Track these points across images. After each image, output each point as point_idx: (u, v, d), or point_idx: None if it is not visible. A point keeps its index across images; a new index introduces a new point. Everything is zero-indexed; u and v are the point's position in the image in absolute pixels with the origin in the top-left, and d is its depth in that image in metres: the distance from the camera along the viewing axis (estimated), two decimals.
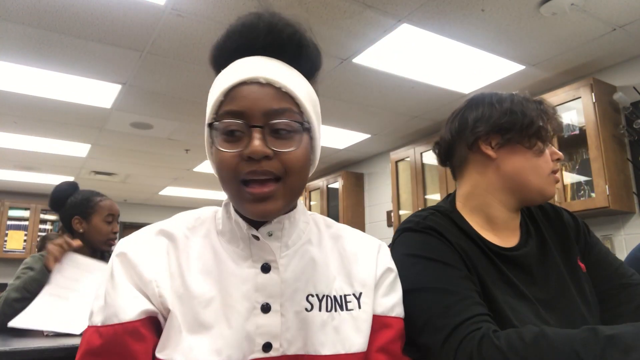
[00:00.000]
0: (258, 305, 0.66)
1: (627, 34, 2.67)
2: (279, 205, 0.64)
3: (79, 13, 2.44)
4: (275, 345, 0.65)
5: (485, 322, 0.76)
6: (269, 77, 0.65)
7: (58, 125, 4.14)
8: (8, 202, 6.48)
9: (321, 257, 0.73)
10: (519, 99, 0.97)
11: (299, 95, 0.66)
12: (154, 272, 0.65)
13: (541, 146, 0.93)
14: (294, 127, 0.65)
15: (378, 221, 4.96)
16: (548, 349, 0.68)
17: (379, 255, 0.78)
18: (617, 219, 2.94)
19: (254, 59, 0.68)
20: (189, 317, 0.63)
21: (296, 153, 0.65)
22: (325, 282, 0.71)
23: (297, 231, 0.73)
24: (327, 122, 4.11)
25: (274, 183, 0.63)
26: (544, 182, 0.93)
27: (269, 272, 0.68)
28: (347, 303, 0.71)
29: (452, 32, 2.63)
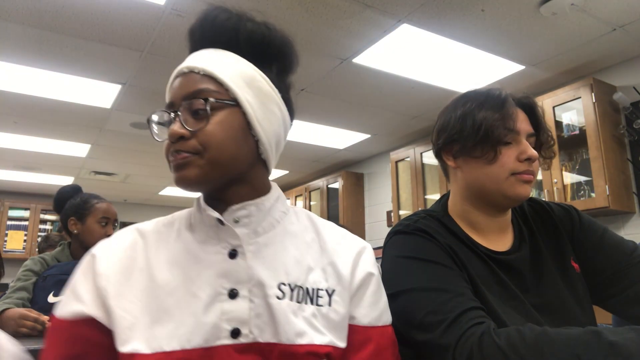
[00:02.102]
0: (224, 291, 0.66)
1: (627, 34, 2.67)
2: (197, 172, 0.66)
3: (79, 13, 2.44)
4: (244, 332, 0.65)
5: (484, 317, 0.76)
6: (190, 65, 0.70)
7: (58, 125, 4.14)
8: (8, 202, 6.48)
9: (298, 248, 0.73)
10: (479, 100, 0.93)
11: (219, 75, 0.68)
12: (111, 279, 0.67)
13: (491, 153, 0.89)
14: (210, 104, 0.67)
15: (378, 221, 4.96)
16: (549, 351, 0.67)
17: (362, 258, 0.76)
18: (617, 219, 2.94)
19: (193, 53, 0.73)
20: (153, 307, 0.66)
21: (210, 129, 0.66)
22: (299, 272, 0.71)
23: (269, 219, 0.73)
24: (327, 122, 4.11)
25: (190, 154, 0.66)
26: (502, 186, 0.90)
27: (236, 258, 0.69)
28: (318, 298, 0.70)
29: (452, 32, 2.63)
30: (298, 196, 5.84)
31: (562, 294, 0.91)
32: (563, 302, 0.90)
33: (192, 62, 0.70)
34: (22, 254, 6.33)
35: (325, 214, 5.26)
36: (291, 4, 2.37)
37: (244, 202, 0.71)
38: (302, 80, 3.26)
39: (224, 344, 0.64)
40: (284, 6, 2.38)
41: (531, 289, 0.90)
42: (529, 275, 0.92)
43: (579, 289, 0.93)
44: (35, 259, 1.84)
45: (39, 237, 6.13)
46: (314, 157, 5.25)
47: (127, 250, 0.71)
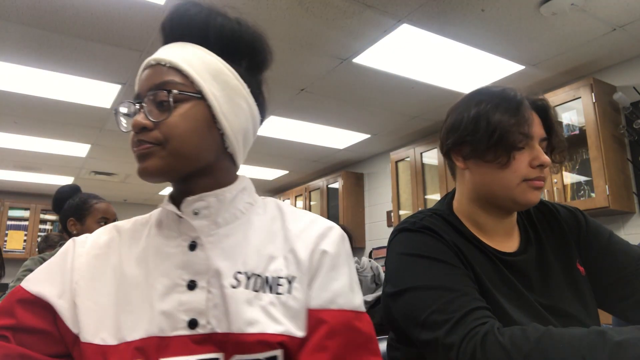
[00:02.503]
0: (183, 282, 0.67)
1: (627, 34, 2.67)
2: (160, 163, 0.67)
3: (79, 13, 2.44)
4: (201, 322, 0.65)
5: (489, 317, 0.75)
6: (157, 58, 0.70)
7: (58, 125, 4.14)
8: (8, 202, 6.48)
9: (261, 237, 0.72)
10: (494, 101, 0.90)
11: (185, 67, 0.69)
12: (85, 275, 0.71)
13: (505, 158, 0.87)
14: (174, 96, 0.67)
15: (378, 221, 4.96)
16: (553, 350, 0.66)
17: (323, 240, 0.71)
18: (617, 219, 2.94)
19: (163, 47, 0.74)
20: (121, 300, 0.68)
21: (172, 120, 0.67)
22: (258, 261, 0.69)
23: (231, 210, 0.73)
24: (327, 122, 4.11)
25: (152, 145, 0.67)
26: (513, 192, 0.88)
27: (195, 250, 0.69)
28: (278, 286, 0.68)
29: (452, 32, 2.63)
30: (298, 196, 5.84)
31: (567, 296, 0.90)
32: (569, 304, 0.89)
33: (159, 55, 0.71)
34: (22, 254, 6.33)
35: (325, 214, 5.26)
36: (291, 4, 2.37)
37: (202, 194, 0.71)
38: (302, 80, 3.26)
39: (180, 335, 0.64)
40: (284, 6, 2.38)
41: (537, 291, 0.90)
42: (535, 277, 0.91)
43: (585, 292, 0.92)
44: (35, 259, 1.84)
45: (39, 237, 6.13)
46: (314, 157, 5.25)
47: (103, 248, 0.74)
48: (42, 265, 0.74)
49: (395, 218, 4.31)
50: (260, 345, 0.63)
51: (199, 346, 0.64)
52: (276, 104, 3.69)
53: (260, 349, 0.63)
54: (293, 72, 3.13)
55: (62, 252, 0.75)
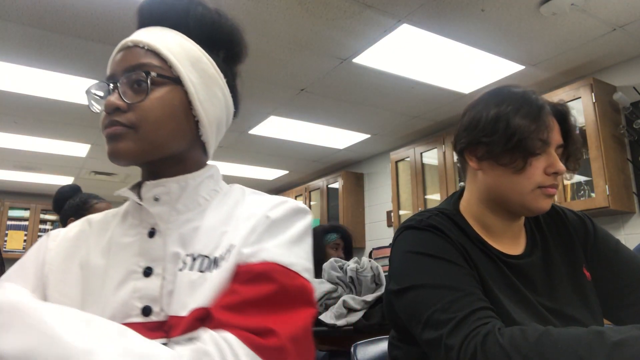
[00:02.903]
0: (139, 269, 0.66)
1: (627, 34, 2.67)
2: (131, 147, 0.66)
3: (79, 13, 2.44)
4: (155, 309, 0.63)
5: (491, 317, 0.75)
6: (135, 39, 0.69)
7: (58, 125, 4.14)
8: (8, 202, 6.48)
9: (217, 221, 0.69)
10: (515, 103, 0.88)
11: (164, 51, 0.68)
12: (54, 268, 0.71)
13: (521, 162, 0.85)
14: (151, 79, 0.66)
15: (378, 221, 4.96)
16: (551, 350, 0.66)
17: (273, 209, 0.68)
18: (617, 219, 2.94)
19: (140, 29, 0.72)
20: (86, 290, 0.68)
21: (149, 103, 0.66)
22: (207, 242, 0.67)
23: (194, 197, 0.71)
24: (327, 122, 4.11)
25: (124, 127, 0.66)
26: (526, 198, 0.88)
27: (154, 237, 0.68)
28: (222, 261, 0.64)
29: (452, 32, 2.63)
30: (298, 196, 5.84)
31: (573, 300, 0.90)
32: (574, 308, 0.89)
33: (137, 37, 0.70)
34: (22, 254, 6.31)
35: (325, 214, 5.26)
36: (291, 4, 2.37)
37: (162, 179, 0.70)
38: (302, 80, 3.26)
39: (134, 322, 0.63)
40: (284, 6, 2.38)
41: (542, 294, 0.89)
42: (540, 280, 0.91)
43: (590, 297, 0.92)
44: None
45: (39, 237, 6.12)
46: (314, 157, 5.25)
47: (73, 240, 0.74)
48: (19, 261, 0.74)
49: (395, 218, 4.31)
50: (197, 322, 0.59)
51: (152, 333, 0.62)
52: (276, 104, 3.69)
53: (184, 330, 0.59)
54: (293, 72, 3.13)
55: (35, 247, 0.75)
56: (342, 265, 2.20)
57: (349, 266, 2.18)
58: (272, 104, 3.70)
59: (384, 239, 4.75)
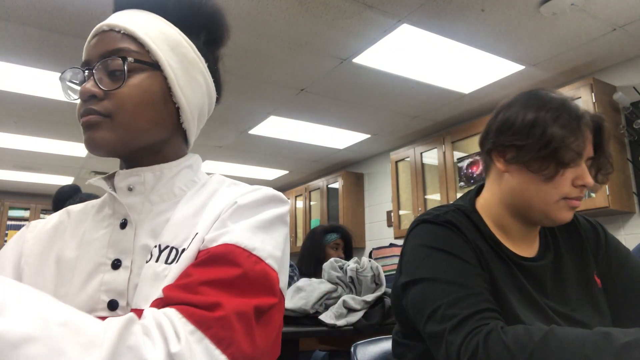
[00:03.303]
0: (108, 261, 0.63)
1: (627, 34, 2.67)
2: (109, 136, 0.63)
3: (79, 13, 2.44)
4: (121, 303, 0.61)
5: (495, 318, 0.75)
6: (111, 23, 0.66)
7: (58, 125, 4.14)
8: (8, 202, 6.48)
9: (189, 212, 0.66)
10: (554, 111, 0.85)
11: (141, 35, 0.64)
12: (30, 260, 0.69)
13: (552, 171, 0.84)
14: (128, 65, 0.63)
15: (378, 221, 4.96)
16: (557, 350, 0.65)
17: (243, 195, 0.64)
18: (617, 219, 2.94)
19: (116, 13, 0.70)
20: (59, 283, 0.66)
21: (126, 90, 0.63)
22: (177, 233, 0.63)
23: (169, 187, 0.68)
24: (327, 122, 4.11)
25: (99, 116, 0.63)
26: (549, 208, 0.86)
27: (125, 228, 0.65)
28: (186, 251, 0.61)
29: (452, 32, 2.63)
30: (298, 196, 5.84)
31: (583, 305, 0.90)
32: (583, 313, 0.89)
33: (113, 20, 0.66)
34: None
35: (325, 214, 5.26)
36: (291, 4, 2.37)
37: (137, 168, 0.67)
38: (302, 80, 3.26)
39: (99, 316, 0.58)
40: (284, 6, 2.38)
41: (552, 297, 0.89)
42: (551, 284, 0.91)
43: (601, 303, 0.92)
44: None
45: None
46: (314, 157, 5.25)
47: (50, 231, 0.72)
48: (1, 251, 0.73)
49: (395, 218, 4.31)
50: None
51: None
52: (276, 104, 3.69)
53: None
54: (293, 72, 3.13)
55: (15, 237, 0.74)
56: (342, 265, 2.20)
57: (349, 266, 2.18)
58: (272, 104, 3.70)
59: (384, 239, 4.75)
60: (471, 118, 3.89)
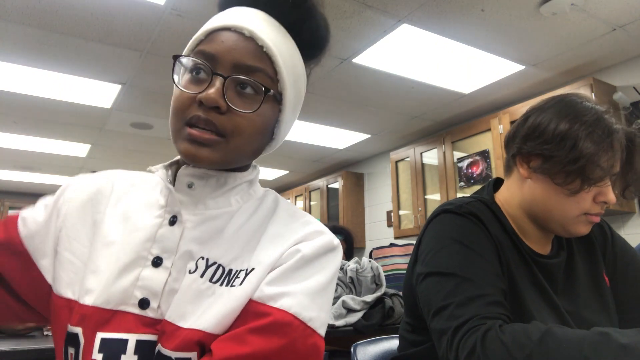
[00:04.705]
0: (150, 257, 0.61)
1: (627, 34, 2.67)
2: (214, 157, 0.59)
3: (79, 13, 2.44)
4: (153, 304, 0.59)
5: (500, 315, 0.74)
6: (254, 31, 0.60)
7: (58, 125, 4.13)
8: (8, 202, 6.48)
9: (243, 229, 0.64)
10: (588, 125, 0.82)
11: (280, 61, 0.61)
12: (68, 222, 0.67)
13: (576, 187, 0.81)
14: (260, 89, 0.60)
15: (378, 221, 4.96)
16: (555, 350, 0.65)
17: (304, 241, 0.62)
18: (617, 219, 2.94)
19: (251, 10, 0.64)
20: (92, 257, 0.63)
21: (251, 117, 0.59)
22: (227, 251, 0.62)
23: (227, 197, 0.66)
24: (327, 122, 4.11)
25: (215, 135, 0.59)
26: (568, 222, 0.85)
27: (174, 225, 0.63)
28: (235, 279, 0.59)
29: (452, 32, 2.63)
30: (298, 196, 5.84)
31: (592, 304, 0.91)
32: (592, 312, 0.89)
33: (253, 27, 0.60)
34: None
35: (325, 214, 5.26)
36: None
37: (205, 170, 0.64)
38: None
39: (128, 311, 0.59)
40: None
41: (562, 295, 0.90)
42: (562, 282, 0.91)
43: (609, 302, 0.93)
44: None
45: None
46: (314, 157, 5.25)
47: (92, 195, 0.68)
48: (39, 204, 0.70)
49: (395, 218, 4.31)
50: (175, 343, 0.56)
51: (145, 328, 0.58)
52: None
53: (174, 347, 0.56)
54: None
55: (57, 194, 0.71)
56: (342, 266, 2.20)
57: (349, 266, 2.18)
58: None
59: (384, 239, 4.75)
60: (471, 118, 3.89)
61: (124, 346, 0.57)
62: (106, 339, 0.58)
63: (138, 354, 0.57)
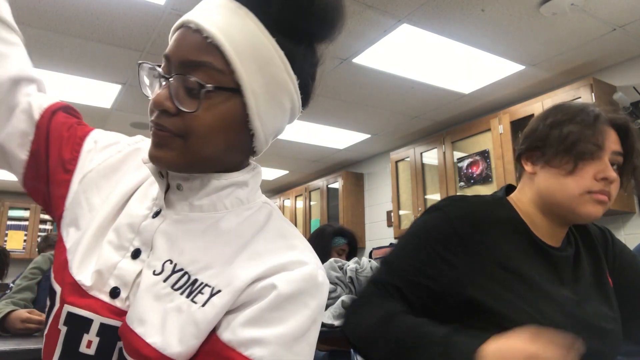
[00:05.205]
0: (132, 248, 0.61)
1: (627, 34, 2.67)
2: (173, 158, 0.57)
3: (79, 13, 2.44)
4: (123, 294, 0.58)
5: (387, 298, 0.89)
6: (199, 23, 0.57)
7: None
8: (8, 202, 6.48)
9: (221, 237, 0.61)
10: (571, 113, 0.92)
11: (229, 50, 0.55)
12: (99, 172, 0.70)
13: (571, 165, 0.88)
14: (202, 86, 0.56)
15: (378, 221, 4.96)
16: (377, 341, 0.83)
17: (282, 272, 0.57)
18: (617, 219, 2.94)
19: (205, 2, 0.61)
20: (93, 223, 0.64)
21: (200, 115, 0.56)
22: (197, 258, 0.59)
23: (213, 199, 0.62)
24: (327, 122, 4.11)
25: (172, 135, 0.57)
26: (574, 202, 0.89)
27: (155, 218, 0.62)
28: (199, 294, 0.56)
29: (452, 32, 2.63)
30: (298, 196, 5.84)
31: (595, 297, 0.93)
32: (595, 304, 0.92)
33: (200, 18, 0.57)
34: (22, 254, 6.34)
35: (325, 214, 5.26)
36: None
37: (191, 174, 0.62)
38: None
39: (100, 298, 0.59)
40: None
41: (569, 286, 0.93)
42: (569, 273, 0.94)
43: (611, 299, 0.96)
44: (46, 256, 1.85)
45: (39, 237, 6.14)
46: (314, 157, 5.25)
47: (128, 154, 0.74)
48: (112, 135, 0.76)
49: (395, 218, 4.31)
50: (132, 350, 0.54)
51: (114, 316, 0.58)
52: None
53: (130, 352, 0.54)
54: None
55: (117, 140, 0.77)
56: (342, 266, 2.20)
57: (348, 266, 2.18)
58: None
59: (384, 239, 4.75)
60: (471, 118, 3.89)
61: (88, 325, 0.58)
62: (72, 314, 0.58)
63: (100, 337, 0.57)
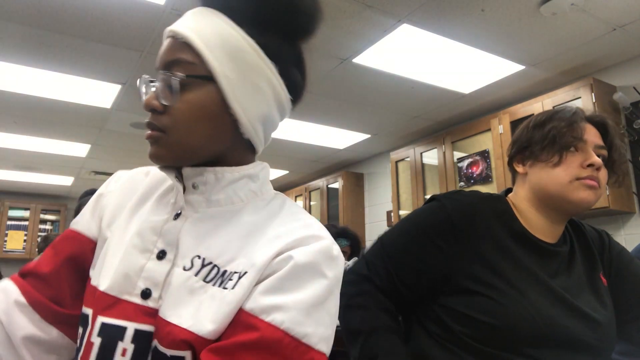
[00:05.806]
0: (156, 250, 0.63)
1: (627, 34, 2.67)
2: (162, 152, 0.64)
3: (79, 13, 2.44)
4: (154, 295, 0.61)
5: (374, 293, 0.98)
6: (173, 28, 0.64)
7: (58, 125, 4.14)
8: (8, 202, 6.48)
9: (241, 229, 0.64)
10: (551, 114, 1.00)
11: (197, 42, 0.61)
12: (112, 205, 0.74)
13: (557, 156, 0.95)
14: (180, 81, 0.61)
15: (378, 221, 4.96)
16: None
17: (299, 246, 0.60)
18: (617, 219, 2.94)
19: (186, 14, 0.67)
20: (113, 243, 0.68)
21: (180, 107, 0.62)
22: (223, 251, 0.62)
23: (229, 192, 0.66)
24: (327, 122, 4.11)
25: (159, 131, 0.63)
26: (565, 189, 0.94)
27: (176, 220, 0.65)
28: (228, 281, 0.59)
29: (452, 32, 2.63)
30: (298, 196, 5.84)
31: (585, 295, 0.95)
32: (585, 302, 0.93)
33: (176, 26, 0.65)
34: (22, 254, 6.34)
35: (325, 214, 5.26)
36: None
37: (200, 168, 0.65)
38: None
39: (131, 301, 0.61)
40: None
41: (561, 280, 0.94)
42: (562, 269, 0.96)
43: (604, 297, 0.97)
44: None
45: (39, 237, 6.13)
46: (314, 157, 5.25)
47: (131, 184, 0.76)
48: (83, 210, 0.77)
49: (395, 218, 4.31)
50: (167, 340, 0.57)
51: (146, 318, 0.60)
52: None
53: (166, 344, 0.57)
54: None
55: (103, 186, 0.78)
56: None
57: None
58: None
59: None
60: (471, 118, 3.89)
61: (122, 333, 0.59)
62: (106, 324, 0.60)
63: (135, 344, 0.59)
